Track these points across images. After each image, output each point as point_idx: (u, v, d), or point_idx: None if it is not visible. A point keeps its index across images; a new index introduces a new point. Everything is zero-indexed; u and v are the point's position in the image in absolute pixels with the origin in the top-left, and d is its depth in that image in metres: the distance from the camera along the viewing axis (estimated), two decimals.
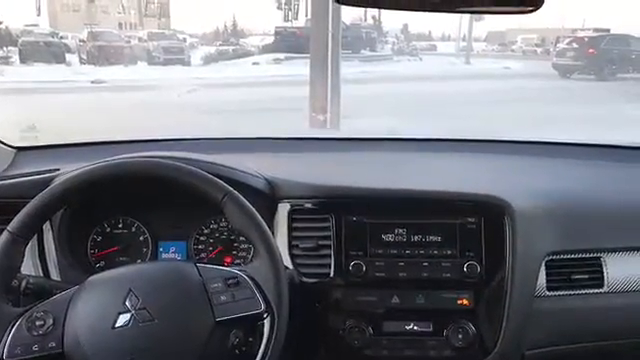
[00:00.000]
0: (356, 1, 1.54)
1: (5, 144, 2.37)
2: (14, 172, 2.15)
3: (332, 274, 1.89)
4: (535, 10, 1.43)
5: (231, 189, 1.59)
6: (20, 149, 2.39)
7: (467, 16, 22.90)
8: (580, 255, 1.96)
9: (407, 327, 1.91)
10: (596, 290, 1.95)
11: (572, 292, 1.94)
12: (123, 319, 1.40)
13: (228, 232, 2.05)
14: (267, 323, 1.47)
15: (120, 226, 2.05)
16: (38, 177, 1.99)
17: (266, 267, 1.53)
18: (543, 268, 1.91)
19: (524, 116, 11.11)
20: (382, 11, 18.79)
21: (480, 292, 1.90)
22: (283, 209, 1.95)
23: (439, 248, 1.90)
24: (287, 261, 1.87)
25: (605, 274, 1.96)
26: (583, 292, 1.94)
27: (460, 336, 1.89)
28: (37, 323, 1.42)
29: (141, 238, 2.05)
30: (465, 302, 1.89)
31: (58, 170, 2.00)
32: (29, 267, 1.84)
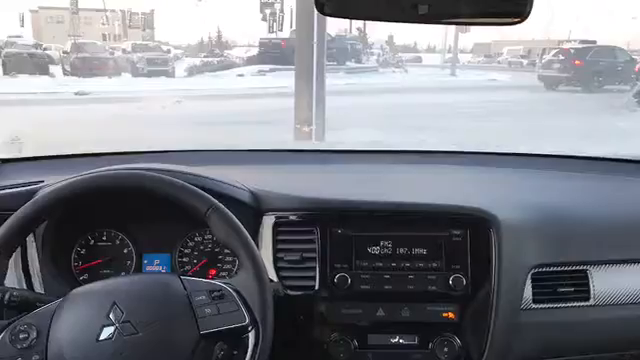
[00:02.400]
0: (341, 12, 1.55)
1: None
2: None
3: (317, 287, 1.88)
4: (521, 21, 1.44)
5: (216, 201, 1.59)
6: (4, 161, 2.37)
7: (453, 28, 23.05)
8: (566, 268, 1.95)
9: (392, 340, 1.91)
10: (582, 303, 1.94)
11: (558, 305, 1.93)
12: (107, 332, 1.39)
13: (213, 244, 2.04)
14: (252, 336, 1.47)
15: (104, 238, 2.04)
16: (22, 189, 1.97)
17: (251, 280, 1.53)
18: (529, 281, 1.91)
19: (509, 128, 11.17)
20: (367, 22, 18.86)
21: (466, 305, 1.89)
22: (268, 221, 1.94)
23: (425, 261, 1.89)
24: (272, 274, 1.87)
25: (591, 287, 1.95)
26: (569, 305, 1.94)
27: (446, 349, 1.89)
28: (21, 336, 1.41)
29: (125, 250, 2.04)
30: (451, 315, 1.89)
31: (42, 182, 1.99)
32: (12, 279, 1.83)
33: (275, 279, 1.88)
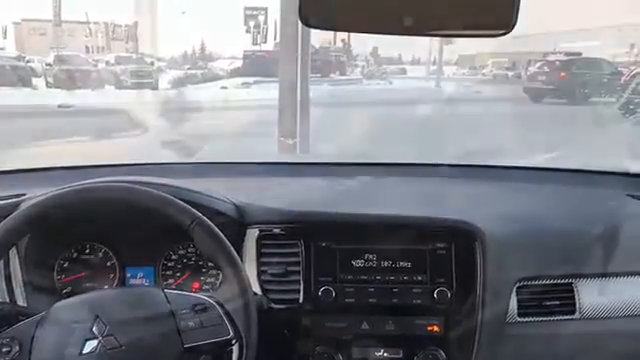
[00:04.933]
0: (326, 24, 1.54)
1: None
2: None
3: (301, 300, 1.88)
4: (506, 33, 1.45)
5: (199, 215, 1.59)
6: None
7: (437, 39, 23.08)
8: (551, 281, 1.95)
9: (377, 353, 1.91)
10: (568, 316, 1.94)
11: (544, 318, 1.93)
12: (90, 346, 1.39)
13: (196, 258, 2.04)
14: (236, 349, 1.47)
15: (87, 251, 2.03)
16: (4, 202, 1.96)
17: (234, 293, 1.52)
18: (514, 294, 1.90)
19: (494, 141, 11.18)
20: (352, 34, 18.88)
21: (450, 318, 1.89)
22: (252, 234, 1.94)
23: (409, 274, 1.89)
24: (256, 287, 1.86)
25: (577, 300, 1.95)
26: (555, 318, 1.93)
27: None
28: (3, 349, 1.41)
29: (108, 264, 2.03)
30: (435, 328, 1.89)
31: (24, 195, 1.98)
32: None
33: (259, 292, 1.87)
